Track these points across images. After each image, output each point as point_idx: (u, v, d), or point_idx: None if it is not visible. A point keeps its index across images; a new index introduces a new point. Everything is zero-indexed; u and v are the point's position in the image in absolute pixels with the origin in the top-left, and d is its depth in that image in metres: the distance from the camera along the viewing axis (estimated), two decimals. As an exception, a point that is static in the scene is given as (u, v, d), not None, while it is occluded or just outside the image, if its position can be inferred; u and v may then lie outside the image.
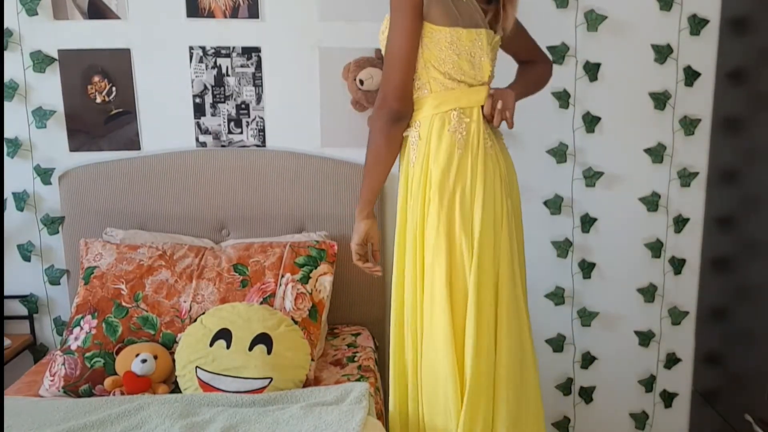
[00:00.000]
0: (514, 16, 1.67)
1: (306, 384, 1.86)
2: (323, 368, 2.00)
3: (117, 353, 1.88)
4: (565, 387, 2.49)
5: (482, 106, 1.65)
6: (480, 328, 1.59)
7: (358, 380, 1.91)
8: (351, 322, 2.32)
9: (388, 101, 1.60)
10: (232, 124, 2.29)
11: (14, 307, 2.34)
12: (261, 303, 1.96)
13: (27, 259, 2.31)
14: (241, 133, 2.30)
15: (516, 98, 1.69)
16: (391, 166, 1.69)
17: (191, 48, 2.23)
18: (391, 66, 1.59)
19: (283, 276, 2.02)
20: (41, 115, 2.23)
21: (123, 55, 2.23)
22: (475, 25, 1.59)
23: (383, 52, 1.64)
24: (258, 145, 2.31)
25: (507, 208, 1.65)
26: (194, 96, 2.27)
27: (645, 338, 2.45)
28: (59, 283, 2.33)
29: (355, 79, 2.23)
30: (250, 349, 1.80)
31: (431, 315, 1.62)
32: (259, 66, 2.25)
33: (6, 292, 2.31)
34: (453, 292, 1.60)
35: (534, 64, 1.91)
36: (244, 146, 2.31)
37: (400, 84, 1.59)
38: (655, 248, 2.40)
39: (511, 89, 1.71)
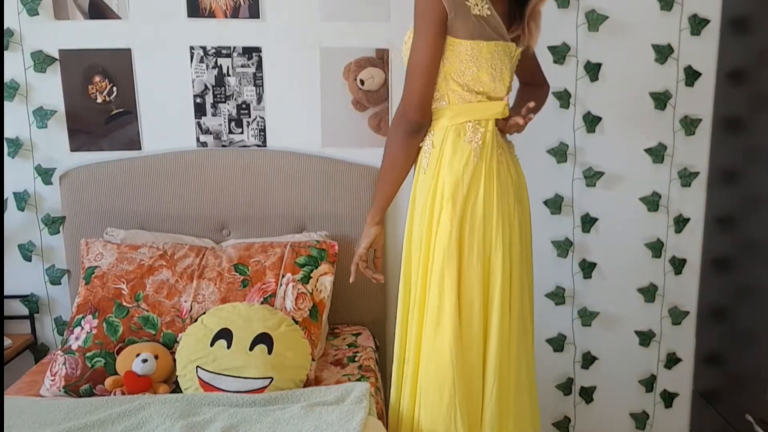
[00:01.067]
0: (538, 33, 1.68)
1: (306, 384, 1.86)
2: (324, 368, 2.01)
3: (118, 353, 1.88)
4: (566, 387, 2.49)
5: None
6: (503, 333, 1.62)
7: (358, 380, 1.91)
8: (351, 322, 2.32)
9: (408, 112, 1.61)
10: (232, 124, 2.29)
11: (15, 307, 2.34)
12: (262, 303, 1.96)
13: (28, 258, 2.31)
14: (242, 133, 2.30)
15: None
16: (407, 174, 1.70)
17: (192, 48, 2.23)
18: (413, 78, 1.59)
19: (283, 276, 2.02)
20: (42, 115, 2.23)
21: (124, 55, 2.23)
22: (497, 38, 1.59)
23: (405, 63, 1.64)
24: (259, 145, 2.31)
25: (518, 215, 1.67)
26: (195, 96, 2.27)
27: (645, 338, 2.45)
28: (60, 283, 2.33)
29: (355, 79, 2.23)
30: (251, 348, 1.81)
31: (438, 321, 1.62)
32: (259, 66, 2.25)
33: (7, 292, 2.31)
34: (462, 299, 1.61)
35: (534, 88, 1.91)
36: (244, 146, 2.31)
37: (420, 96, 1.60)
38: (656, 248, 2.39)
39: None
